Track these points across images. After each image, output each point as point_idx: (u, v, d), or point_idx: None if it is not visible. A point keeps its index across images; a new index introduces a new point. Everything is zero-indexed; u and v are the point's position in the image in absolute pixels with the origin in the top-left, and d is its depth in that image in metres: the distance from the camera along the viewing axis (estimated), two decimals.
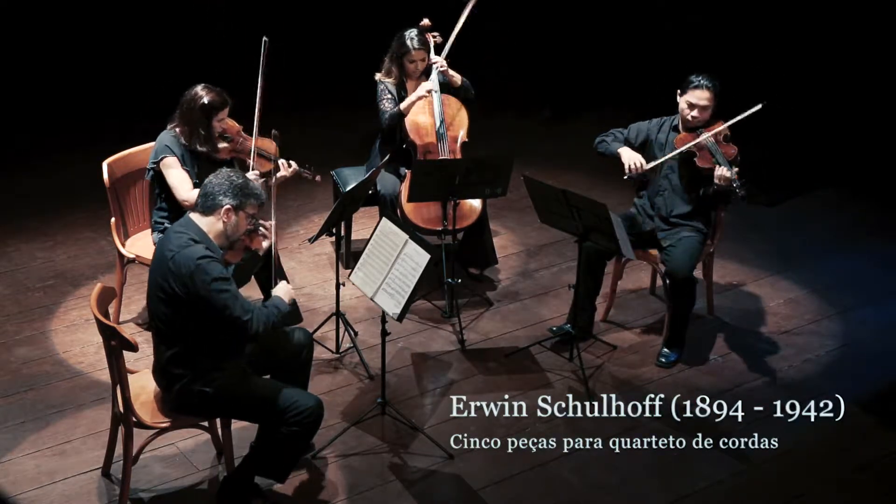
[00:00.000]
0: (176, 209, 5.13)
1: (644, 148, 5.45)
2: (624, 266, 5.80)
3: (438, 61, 5.97)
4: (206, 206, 4.10)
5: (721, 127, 5.30)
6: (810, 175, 7.65)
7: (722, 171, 5.15)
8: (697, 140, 5.26)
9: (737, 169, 5.15)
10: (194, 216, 4.12)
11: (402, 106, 5.90)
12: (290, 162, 5.33)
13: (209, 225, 4.10)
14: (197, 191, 5.03)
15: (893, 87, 7.73)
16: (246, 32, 9.38)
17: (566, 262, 6.40)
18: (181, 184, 5.12)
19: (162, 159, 5.14)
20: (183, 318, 4.02)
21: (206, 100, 5.10)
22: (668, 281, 5.35)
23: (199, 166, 5.16)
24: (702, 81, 5.28)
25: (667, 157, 5.34)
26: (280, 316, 4.16)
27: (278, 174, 5.30)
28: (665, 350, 5.42)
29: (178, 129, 5.17)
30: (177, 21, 9.28)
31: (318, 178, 5.46)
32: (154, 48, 8.89)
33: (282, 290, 4.29)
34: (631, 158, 5.33)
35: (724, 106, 5.40)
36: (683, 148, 5.28)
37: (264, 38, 5.17)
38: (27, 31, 8.93)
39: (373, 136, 6.20)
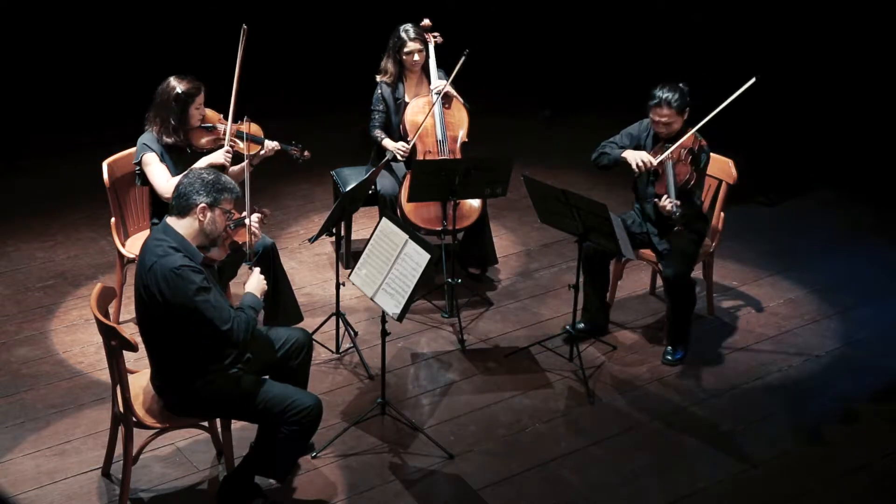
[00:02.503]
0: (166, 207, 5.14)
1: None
2: (624, 266, 5.81)
3: (441, 86, 5.94)
4: (181, 207, 4.07)
5: (686, 141, 5.23)
6: (810, 175, 7.66)
7: (663, 202, 5.13)
8: (661, 158, 5.25)
9: (678, 202, 5.09)
10: (171, 220, 4.08)
11: (384, 143, 5.95)
12: (273, 142, 5.37)
13: (186, 227, 4.06)
14: (176, 180, 5.08)
15: (892, 88, 7.73)
16: (246, 32, 9.42)
17: (566, 262, 6.40)
18: (160, 177, 5.11)
19: (142, 157, 5.15)
20: (168, 324, 4.00)
21: (179, 89, 5.11)
22: (665, 283, 5.36)
23: (181, 160, 5.16)
24: (662, 97, 5.21)
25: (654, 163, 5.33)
26: (255, 316, 4.14)
27: (261, 153, 5.32)
28: (670, 348, 5.42)
29: (154, 128, 5.18)
30: (177, 21, 9.28)
31: (306, 153, 5.48)
32: (155, 48, 8.89)
33: (253, 284, 4.27)
34: (637, 158, 5.28)
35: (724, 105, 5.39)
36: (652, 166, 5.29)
37: (244, 26, 5.20)
38: (28, 30, 8.93)
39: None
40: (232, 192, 4.13)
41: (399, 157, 5.87)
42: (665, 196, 5.13)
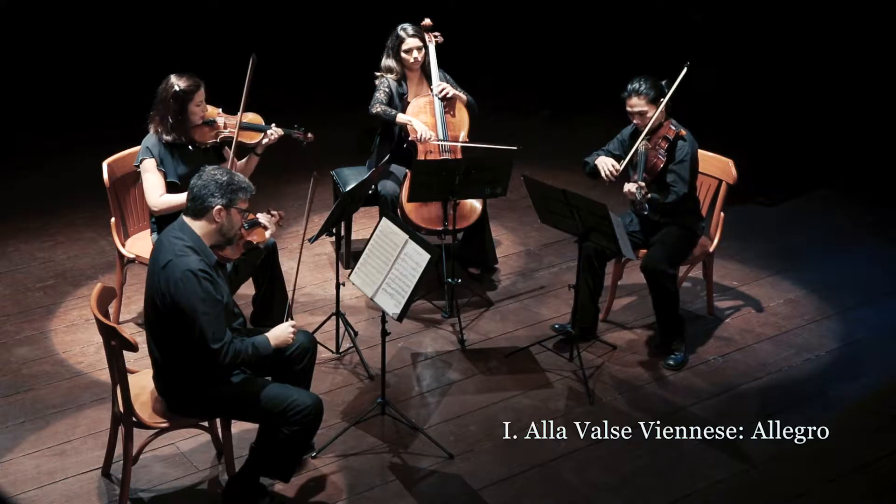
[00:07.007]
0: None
1: (623, 153, 5.50)
2: (624, 266, 5.80)
3: (443, 89, 5.93)
4: (197, 209, 4.07)
5: (662, 130, 5.26)
6: (810, 175, 7.66)
7: (627, 187, 5.16)
8: (634, 148, 5.27)
9: (643, 185, 5.11)
10: (187, 219, 4.08)
11: (400, 118, 5.89)
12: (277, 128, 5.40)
13: (202, 227, 4.07)
14: (166, 197, 5.10)
15: (892, 88, 7.73)
16: (246, 33, 9.43)
17: (566, 262, 6.40)
18: (151, 189, 5.14)
19: (142, 161, 5.16)
20: (175, 323, 4.00)
21: (178, 86, 5.11)
22: (643, 274, 5.32)
23: (185, 157, 5.17)
24: (631, 88, 5.30)
25: (625, 161, 5.34)
26: (255, 356, 4.08)
27: (264, 141, 5.35)
28: (671, 354, 5.40)
29: (154, 126, 5.18)
30: (177, 21, 9.29)
31: (310, 135, 5.51)
32: (155, 48, 8.89)
33: (274, 333, 4.20)
34: (606, 165, 5.36)
35: (724, 106, 5.39)
36: (628, 158, 5.30)
37: (252, 56, 5.20)
38: (28, 30, 8.93)
39: (372, 135, 6.21)
40: (247, 192, 4.13)
41: (425, 137, 5.81)
42: (628, 182, 5.15)
